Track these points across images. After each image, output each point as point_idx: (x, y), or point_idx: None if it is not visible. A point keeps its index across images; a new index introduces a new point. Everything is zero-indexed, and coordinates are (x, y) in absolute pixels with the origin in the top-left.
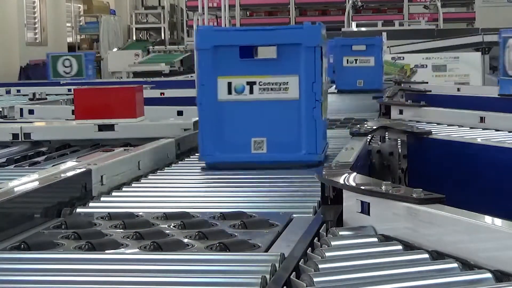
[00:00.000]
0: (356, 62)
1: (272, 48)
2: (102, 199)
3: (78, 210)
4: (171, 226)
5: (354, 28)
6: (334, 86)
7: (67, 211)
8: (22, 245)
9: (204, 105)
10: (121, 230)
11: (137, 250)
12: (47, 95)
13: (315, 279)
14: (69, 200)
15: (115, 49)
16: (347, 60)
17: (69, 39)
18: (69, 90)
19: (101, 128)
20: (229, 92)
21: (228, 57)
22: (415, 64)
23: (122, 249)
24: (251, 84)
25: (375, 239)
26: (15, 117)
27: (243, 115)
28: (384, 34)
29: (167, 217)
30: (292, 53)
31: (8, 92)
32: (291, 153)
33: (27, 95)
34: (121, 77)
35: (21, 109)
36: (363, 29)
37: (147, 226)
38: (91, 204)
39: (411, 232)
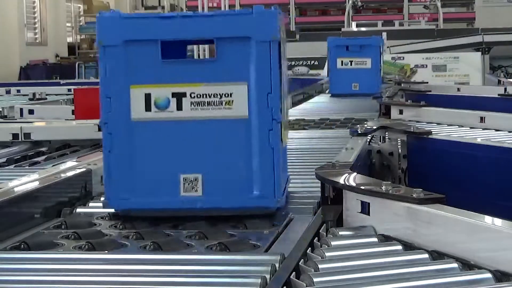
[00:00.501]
0: (351, 64)
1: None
2: (102, 199)
3: (78, 210)
4: (168, 226)
5: (354, 28)
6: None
7: (67, 211)
8: (22, 245)
9: (110, 126)
10: (121, 230)
11: (137, 250)
12: (47, 95)
13: (315, 279)
14: (69, 200)
15: None
16: (342, 61)
17: (69, 39)
18: (69, 90)
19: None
20: (148, 108)
21: (145, 58)
22: (415, 64)
23: (122, 249)
24: (178, 96)
25: (375, 239)
26: (15, 117)
27: (168, 141)
28: (384, 34)
29: None
30: (238, 51)
31: (8, 92)
32: (237, 195)
33: (27, 95)
34: None
35: (21, 109)
36: (363, 29)
37: (147, 227)
38: (91, 204)
39: (411, 232)
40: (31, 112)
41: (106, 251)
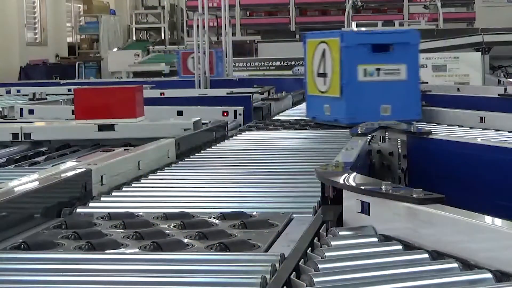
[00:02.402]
0: (378, 74)
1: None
2: (102, 199)
3: (78, 210)
4: (171, 226)
5: (354, 28)
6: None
7: (67, 211)
8: (22, 245)
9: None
10: (121, 230)
11: (137, 250)
12: (47, 95)
13: (315, 279)
14: (69, 200)
15: (115, 49)
16: (365, 70)
17: (69, 39)
18: (69, 90)
19: (101, 128)
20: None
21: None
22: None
23: (122, 249)
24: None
25: (375, 239)
26: (15, 117)
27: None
28: None
29: (167, 217)
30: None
31: (8, 92)
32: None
33: (27, 95)
34: (121, 77)
35: (21, 109)
36: (363, 29)
37: (147, 226)
38: (91, 204)
39: (411, 232)
40: (31, 112)
41: (106, 251)
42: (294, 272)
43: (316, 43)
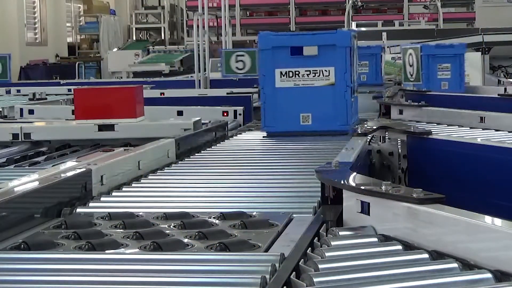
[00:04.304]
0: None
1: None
2: (102, 199)
3: (78, 210)
4: (171, 226)
5: (354, 28)
6: None
7: (67, 211)
8: (22, 245)
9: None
10: (121, 230)
11: (137, 250)
12: (47, 95)
13: (315, 279)
14: (69, 200)
15: (115, 49)
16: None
17: (69, 39)
18: (69, 90)
19: (101, 128)
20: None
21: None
22: None
23: (122, 249)
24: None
25: (375, 239)
26: (15, 117)
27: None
28: (384, 34)
29: (167, 217)
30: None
31: (8, 92)
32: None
33: (27, 95)
34: (121, 77)
35: (21, 109)
36: (363, 29)
37: (147, 226)
38: (91, 204)
39: (411, 232)
40: (31, 112)
41: (106, 251)
42: (294, 272)
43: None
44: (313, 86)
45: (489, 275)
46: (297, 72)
